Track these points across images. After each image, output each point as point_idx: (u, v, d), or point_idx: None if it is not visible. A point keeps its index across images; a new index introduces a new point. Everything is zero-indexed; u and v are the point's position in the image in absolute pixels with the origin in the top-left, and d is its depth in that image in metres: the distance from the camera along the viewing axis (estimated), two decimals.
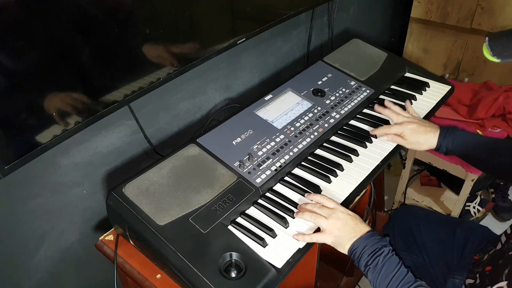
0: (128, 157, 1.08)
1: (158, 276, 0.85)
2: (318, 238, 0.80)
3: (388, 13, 2.14)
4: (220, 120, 1.02)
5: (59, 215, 0.97)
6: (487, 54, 0.78)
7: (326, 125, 1.05)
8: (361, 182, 0.93)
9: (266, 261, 0.75)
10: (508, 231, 0.89)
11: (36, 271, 0.98)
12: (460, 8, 1.78)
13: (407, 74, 1.32)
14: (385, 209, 1.80)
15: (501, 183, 1.87)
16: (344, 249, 0.80)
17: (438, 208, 1.82)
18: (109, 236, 0.94)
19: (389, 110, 1.06)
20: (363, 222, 0.82)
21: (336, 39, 1.68)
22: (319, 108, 1.09)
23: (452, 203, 1.79)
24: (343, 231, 0.79)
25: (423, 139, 0.98)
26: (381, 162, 0.98)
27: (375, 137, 1.04)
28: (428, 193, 1.89)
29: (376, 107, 1.09)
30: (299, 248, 0.79)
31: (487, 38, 0.78)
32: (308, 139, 1.00)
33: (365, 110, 1.15)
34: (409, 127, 0.98)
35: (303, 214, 0.82)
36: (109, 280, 0.89)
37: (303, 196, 0.89)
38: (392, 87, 1.25)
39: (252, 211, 0.86)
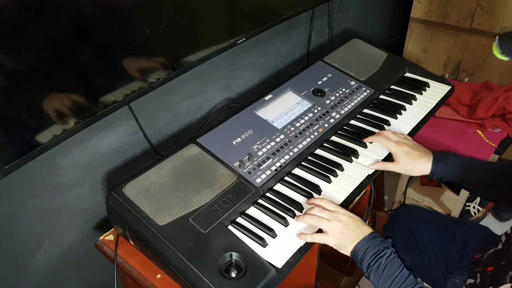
0: (128, 157, 1.08)
1: (158, 276, 0.85)
2: (320, 239, 0.80)
3: (388, 13, 2.14)
4: (220, 120, 1.02)
5: (59, 215, 0.97)
6: (497, 52, 0.80)
7: (326, 125, 1.05)
8: (361, 182, 0.93)
9: (266, 261, 0.75)
10: (509, 231, 0.89)
11: (36, 271, 0.98)
12: (460, 8, 1.78)
13: (407, 74, 1.32)
14: (385, 209, 1.80)
15: None
16: (346, 251, 0.80)
17: (438, 208, 1.82)
18: (109, 236, 0.94)
19: (378, 136, 1.01)
20: (365, 224, 0.82)
21: (336, 39, 1.68)
22: (319, 108, 1.09)
23: (452, 203, 1.79)
24: (345, 234, 0.79)
25: (417, 164, 0.95)
26: None
27: (365, 146, 1.01)
28: (428, 193, 1.89)
29: (368, 139, 1.02)
30: (299, 248, 0.79)
31: (497, 37, 0.80)
32: (308, 139, 1.00)
33: (365, 110, 1.15)
34: (404, 149, 0.95)
35: (304, 217, 0.82)
36: (109, 280, 0.89)
37: (304, 196, 0.89)
38: (392, 87, 1.25)
39: (252, 211, 0.86)
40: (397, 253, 0.79)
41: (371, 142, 1.02)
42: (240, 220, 0.84)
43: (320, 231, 0.81)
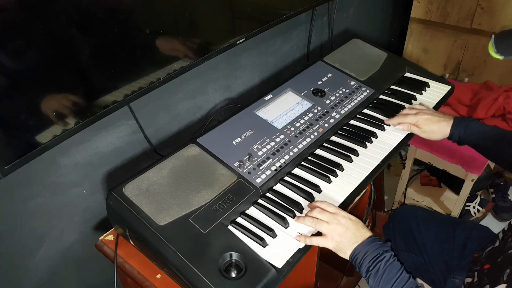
0: (128, 157, 1.08)
1: (158, 276, 0.85)
2: (319, 242, 0.79)
3: (388, 13, 2.14)
4: (220, 120, 1.02)
5: (59, 215, 0.97)
6: (492, 51, 0.81)
7: (326, 125, 1.05)
8: (361, 182, 0.93)
9: (266, 261, 0.75)
10: (506, 228, 0.89)
11: (36, 271, 0.98)
12: (460, 8, 1.78)
13: (407, 74, 1.32)
14: (385, 209, 1.80)
15: (501, 183, 1.87)
16: (345, 254, 0.80)
17: (438, 208, 1.82)
18: (109, 236, 0.94)
19: (399, 115, 1.08)
20: (364, 227, 0.81)
21: (336, 39, 1.68)
22: (319, 108, 1.09)
23: (452, 203, 1.79)
24: (344, 237, 0.79)
25: (437, 128, 1.01)
26: (381, 162, 0.98)
27: (388, 125, 1.08)
28: (428, 193, 1.89)
29: (389, 121, 1.09)
30: (299, 248, 0.79)
31: (493, 36, 0.81)
32: (308, 139, 1.00)
33: (365, 110, 1.15)
34: (424, 117, 1.02)
35: (304, 219, 0.82)
36: (109, 280, 0.89)
37: (303, 196, 0.89)
38: (392, 87, 1.25)
39: (252, 211, 0.86)
40: (397, 255, 0.78)
41: (388, 125, 1.08)
42: (240, 220, 0.84)
43: (320, 233, 0.81)
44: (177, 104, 1.16)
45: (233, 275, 0.72)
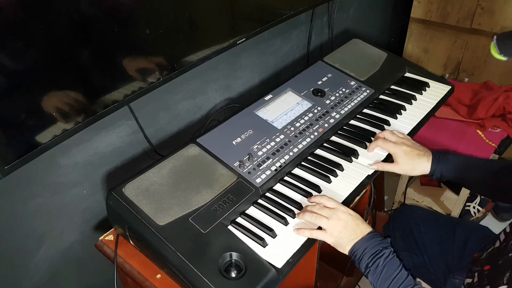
0: (128, 157, 1.08)
1: (158, 276, 0.85)
2: (318, 235, 0.80)
3: (388, 13, 2.14)
4: (220, 120, 1.02)
5: (59, 215, 0.97)
6: (495, 52, 0.80)
7: (326, 125, 1.05)
8: (361, 182, 0.93)
9: (266, 261, 0.75)
10: (508, 230, 0.89)
11: (36, 271, 0.98)
12: (460, 8, 1.78)
13: (407, 74, 1.32)
14: (385, 209, 1.80)
15: None
16: (344, 250, 0.80)
17: (438, 208, 1.82)
18: (109, 236, 0.94)
19: (376, 140, 1.00)
20: (364, 222, 0.82)
21: (336, 39, 1.68)
22: (319, 108, 1.09)
23: (452, 203, 1.79)
24: (344, 232, 0.79)
25: (417, 164, 0.94)
26: None
27: (365, 146, 1.00)
28: (428, 193, 1.89)
29: (369, 147, 1.00)
30: (299, 248, 0.79)
31: (494, 37, 0.80)
32: (308, 139, 1.00)
33: (365, 110, 1.15)
34: (403, 149, 0.95)
35: (303, 215, 0.82)
36: (109, 280, 0.89)
37: (303, 196, 0.89)
38: (392, 87, 1.25)
39: (252, 211, 0.86)
40: (397, 255, 0.78)
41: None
42: (240, 220, 0.84)
43: (320, 228, 0.81)
44: (177, 104, 1.16)
45: (233, 275, 0.72)
